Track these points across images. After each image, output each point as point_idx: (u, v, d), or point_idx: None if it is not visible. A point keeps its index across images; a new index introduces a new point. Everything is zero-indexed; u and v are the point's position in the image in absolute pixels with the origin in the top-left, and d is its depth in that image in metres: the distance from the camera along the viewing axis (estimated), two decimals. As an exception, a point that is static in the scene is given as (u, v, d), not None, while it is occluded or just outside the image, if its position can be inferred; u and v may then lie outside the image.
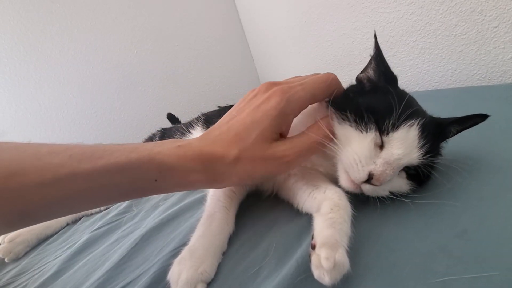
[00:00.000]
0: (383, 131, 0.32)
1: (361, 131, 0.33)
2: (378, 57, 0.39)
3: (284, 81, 0.36)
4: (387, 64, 0.38)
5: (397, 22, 0.77)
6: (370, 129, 0.32)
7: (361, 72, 0.41)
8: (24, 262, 0.57)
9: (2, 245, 0.60)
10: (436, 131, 0.35)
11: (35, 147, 0.27)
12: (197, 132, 0.68)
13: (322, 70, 0.40)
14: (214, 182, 0.33)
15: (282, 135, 0.34)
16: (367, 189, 0.32)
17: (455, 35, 0.67)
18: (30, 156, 0.26)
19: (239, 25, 1.44)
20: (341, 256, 0.25)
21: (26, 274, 0.51)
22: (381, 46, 0.39)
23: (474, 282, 0.22)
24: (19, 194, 0.24)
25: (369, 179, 0.31)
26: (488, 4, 0.59)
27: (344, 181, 0.34)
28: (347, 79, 0.40)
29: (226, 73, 1.42)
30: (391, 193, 0.33)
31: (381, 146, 0.32)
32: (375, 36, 0.39)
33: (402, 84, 0.89)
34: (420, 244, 0.27)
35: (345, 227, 0.29)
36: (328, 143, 0.34)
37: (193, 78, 1.35)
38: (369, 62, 0.40)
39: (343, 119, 0.34)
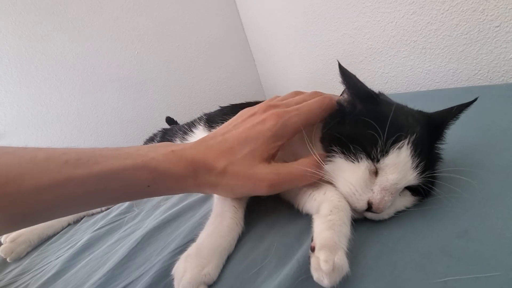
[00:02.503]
0: (373, 159, 0.32)
1: (352, 162, 0.32)
2: (345, 82, 0.38)
3: (282, 103, 0.37)
4: (360, 85, 0.38)
5: (398, 22, 0.77)
6: (361, 158, 0.32)
7: (341, 95, 0.40)
8: (26, 261, 0.57)
9: (4, 245, 0.60)
10: (430, 138, 0.34)
11: (32, 153, 0.27)
12: (199, 131, 0.68)
13: (322, 70, 0.40)
14: (203, 188, 0.34)
15: (272, 157, 0.35)
16: (371, 216, 0.32)
17: (456, 35, 0.66)
18: (27, 162, 0.26)
19: (239, 25, 1.44)
20: (340, 259, 0.25)
21: (28, 274, 0.51)
22: (382, 46, 0.39)
23: (475, 283, 0.22)
24: (17, 199, 0.25)
25: (370, 207, 0.30)
26: (490, 3, 0.59)
27: None
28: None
29: (227, 73, 1.42)
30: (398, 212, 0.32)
31: (376, 173, 0.32)
32: (339, 65, 0.39)
33: (403, 84, 0.89)
34: (421, 245, 0.27)
35: (345, 229, 0.29)
36: (319, 174, 0.34)
37: (194, 78, 1.35)
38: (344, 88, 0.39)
39: (331, 155, 0.34)
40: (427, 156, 0.32)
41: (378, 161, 0.31)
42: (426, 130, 0.34)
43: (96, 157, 0.29)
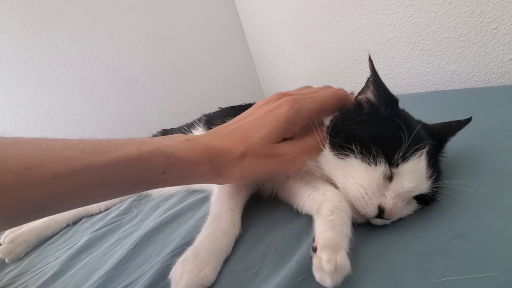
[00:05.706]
0: (392, 164, 0.31)
1: (369, 164, 0.31)
2: (376, 82, 0.37)
3: (295, 92, 0.39)
4: (386, 87, 0.37)
5: (396, 24, 0.77)
6: (380, 162, 0.31)
7: (359, 94, 0.39)
8: (24, 262, 0.57)
9: (2, 246, 0.60)
10: (436, 146, 0.35)
11: (48, 141, 0.28)
12: (198, 132, 0.67)
13: (321, 72, 0.40)
14: (218, 176, 0.34)
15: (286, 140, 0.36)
16: (377, 222, 0.31)
17: (454, 37, 0.67)
18: (45, 150, 0.27)
19: (239, 27, 1.44)
20: (342, 259, 0.25)
21: (27, 275, 0.51)
22: (381, 48, 0.39)
23: (472, 283, 0.22)
24: (34, 187, 0.25)
25: (380, 213, 0.30)
26: (487, 6, 0.59)
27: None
28: (347, 81, 0.41)
29: (227, 74, 1.43)
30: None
31: (390, 178, 0.31)
32: (370, 59, 0.37)
33: (402, 85, 0.89)
34: (419, 245, 0.27)
35: (346, 229, 0.29)
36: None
37: (193, 79, 1.36)
38: (367, 85, 0.38)
39: (345, 152, 0.33)
40: (436, 167, 0.33)
41: (397, 166, 0.31)
42: (434, 143, 0.34)
43: (111, 146, 0.29)
